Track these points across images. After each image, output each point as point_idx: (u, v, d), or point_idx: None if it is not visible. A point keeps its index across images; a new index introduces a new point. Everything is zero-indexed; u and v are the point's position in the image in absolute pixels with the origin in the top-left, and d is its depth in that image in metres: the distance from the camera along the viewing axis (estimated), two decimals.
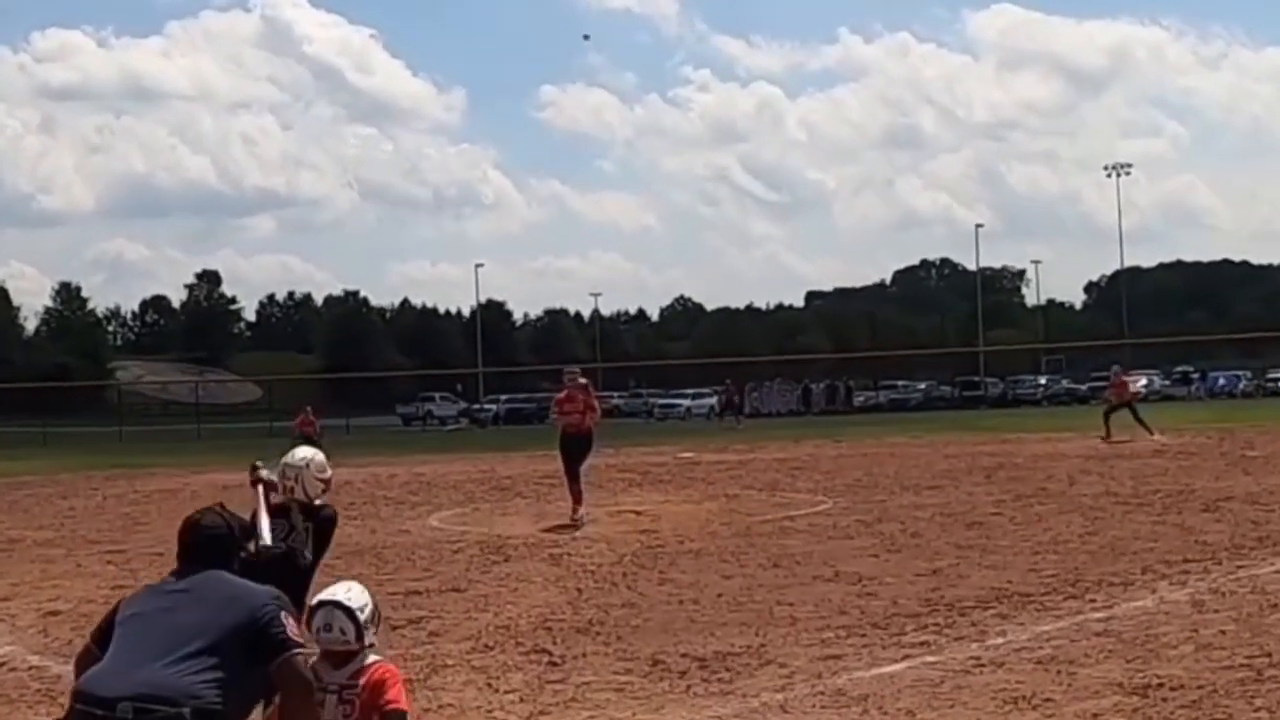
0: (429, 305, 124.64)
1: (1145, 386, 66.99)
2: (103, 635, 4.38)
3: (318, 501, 7.00)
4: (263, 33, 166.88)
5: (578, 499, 16.83)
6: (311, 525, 6.85)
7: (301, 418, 33.11)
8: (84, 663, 4.35)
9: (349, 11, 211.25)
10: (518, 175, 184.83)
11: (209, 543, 4.52)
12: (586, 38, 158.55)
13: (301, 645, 4.36)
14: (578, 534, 15.56)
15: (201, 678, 4.09)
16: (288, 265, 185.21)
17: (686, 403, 68.05)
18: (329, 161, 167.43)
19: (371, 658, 5.24)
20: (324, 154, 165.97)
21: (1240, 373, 69.72)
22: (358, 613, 5.18)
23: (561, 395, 17.91)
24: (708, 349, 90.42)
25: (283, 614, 4.31)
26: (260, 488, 6.80)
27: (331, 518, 7.04)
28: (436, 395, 76.28)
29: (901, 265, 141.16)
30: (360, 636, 5.14)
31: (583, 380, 18.00)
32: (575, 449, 17.20)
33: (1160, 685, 7.37)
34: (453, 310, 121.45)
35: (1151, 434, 28.46)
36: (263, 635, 4.24)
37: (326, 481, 7.08)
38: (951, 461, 24.96)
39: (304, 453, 7.12)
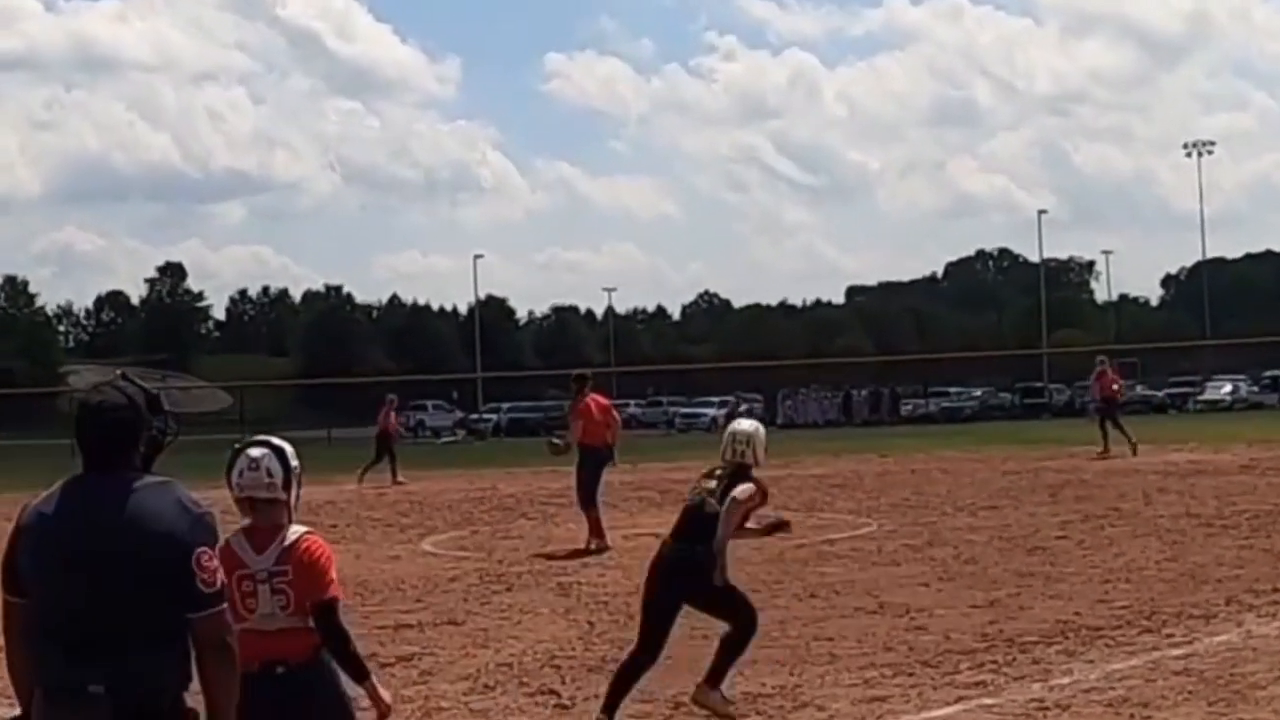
0: (420, 302, 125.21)
1: (1230, 393, 66.96)
2: (14, 580, 4.21)
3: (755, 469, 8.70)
4: None
5: (594, 528, 16.61)
6: (728, 478, 8.49)
7: (386, 410, 30.77)
8: (12, 622, 4.25)
9: None
10: (520, 156, 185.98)
11: (112, 431, 4.22)
12: None
13: (220, 601, 4.21)
14: (589, 560, 15.60)
15: (159, 654, 4.10)
16: (261, 257, 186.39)
17: (712, 412, 67.92)
18: (307, 140, 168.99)
19: (295, 532, 5.30)
20: (301, 131, 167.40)
21: None
22: (289, 457, 5.30)
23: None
24: (735, 351, 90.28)
25: (197, 553, 4.13)
26: None
27: (749, 478, 8.56)
28: (429, 403, 76.32)
29: (954, 257, 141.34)
30: (287, 484, 5.26)
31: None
32: (588, 465, 17.04)
33: None
34: (448, 308, 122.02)
35: (1105, 450, 28.13)
36: (178, 588, 4.11)
37: (766, 449, 8.90)
38: (1011, 478, 24.95)
39: (748, 423, 8.99)
